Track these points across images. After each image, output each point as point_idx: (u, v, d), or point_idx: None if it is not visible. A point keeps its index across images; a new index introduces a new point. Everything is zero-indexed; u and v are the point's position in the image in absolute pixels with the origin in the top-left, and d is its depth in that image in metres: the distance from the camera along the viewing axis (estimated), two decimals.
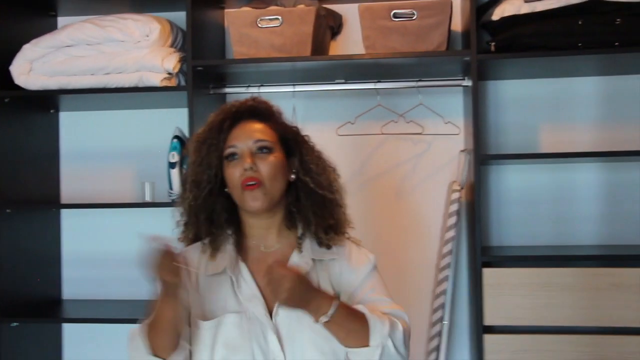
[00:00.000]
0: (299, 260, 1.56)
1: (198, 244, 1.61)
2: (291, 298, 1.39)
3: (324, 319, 1.42)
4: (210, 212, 1.57)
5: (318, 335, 1.47)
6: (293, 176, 1.58)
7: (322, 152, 1.66)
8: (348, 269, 1.59)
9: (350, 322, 1.45)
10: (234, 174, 1.53)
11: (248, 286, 1.53)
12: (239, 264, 1.56)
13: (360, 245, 1.68)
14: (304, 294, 1.41)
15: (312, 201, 1.58)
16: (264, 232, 1.60)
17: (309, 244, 1.59)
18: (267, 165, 1.53)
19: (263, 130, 1.57)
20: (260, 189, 1.51)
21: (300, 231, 1.60)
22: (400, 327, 1.50)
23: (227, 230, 1.59)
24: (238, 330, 1.49)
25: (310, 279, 1.51)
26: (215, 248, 1.57)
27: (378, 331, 1.45)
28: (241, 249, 1.60)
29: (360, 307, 1.49)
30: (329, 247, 1.59)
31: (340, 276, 1.58)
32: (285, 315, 1.49)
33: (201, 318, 1.52)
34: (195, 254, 1.59)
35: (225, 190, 1.57)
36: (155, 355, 1.47)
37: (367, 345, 1.45)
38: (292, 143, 1.61)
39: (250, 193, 1.52)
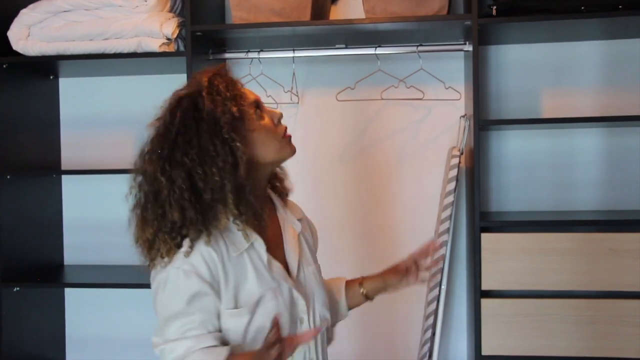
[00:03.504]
0: (296, 224, 1.60)
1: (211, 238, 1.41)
2: None
3: None
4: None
5: (324, 291, 1.58)
6: None
7: None
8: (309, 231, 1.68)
9: None
10: (269, 125, 1.47)
11: (266, 257, 1.46)
12: (255, 236, 1.45)
13: None
14: None
15: None
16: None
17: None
18: None
19: None
20: None
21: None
22: None
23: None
24: (276, 306, 1.43)
25: (305, 238, 1.62)
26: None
27: None
28: None
29: None
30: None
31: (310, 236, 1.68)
32: (304, 275, 1.53)
33: (232, 307, 1.40)
34: (218, 239, 1.41)
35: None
36: None
37: None
38: None
39: (290, 140, 1.49)
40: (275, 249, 1.51)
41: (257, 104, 1.47)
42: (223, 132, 1.38)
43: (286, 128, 1.49)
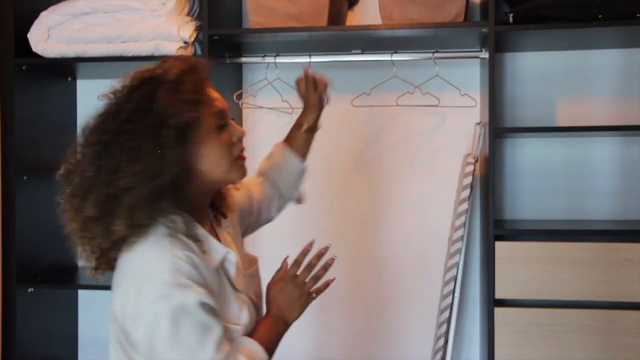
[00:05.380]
0: (228, 227, 1.52)
1: (174, 242, 1.28)
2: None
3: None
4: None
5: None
6: None
7: None
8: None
9: None
10: (227, 142, 1.35)
11: (235, 271, 1.41)
12: (226, 249, 1.39)
13: None
14: None
15: None
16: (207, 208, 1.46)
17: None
18: None
19: None
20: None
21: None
22: None
23: (172, 215, 1.30)
24: (250, 318, 1.42)
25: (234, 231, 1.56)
26: (195, 237, 1.32)
27: None
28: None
29: None
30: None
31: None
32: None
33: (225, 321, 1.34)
34: (187, 251, 1.28)
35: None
36: None
37: None
38: None
39: (244, 163, 1.39)
40: None
41: (222, 115, 1.35)
42: (163, 134, 1.25)
43: (243, 149, 1.39)
